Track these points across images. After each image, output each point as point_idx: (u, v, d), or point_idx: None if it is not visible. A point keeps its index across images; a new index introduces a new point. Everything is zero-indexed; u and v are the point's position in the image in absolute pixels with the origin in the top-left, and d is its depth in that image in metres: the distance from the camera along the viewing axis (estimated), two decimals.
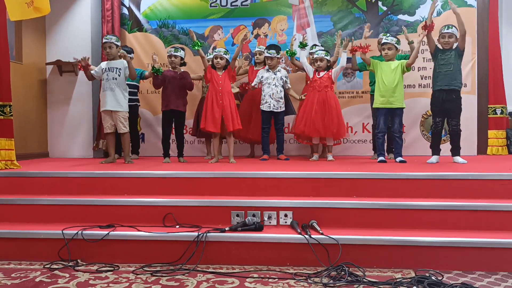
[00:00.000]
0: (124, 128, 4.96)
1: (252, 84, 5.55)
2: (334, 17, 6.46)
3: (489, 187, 3.39)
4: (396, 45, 4.88)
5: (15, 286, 2.58)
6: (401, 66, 4.83)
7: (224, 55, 5.12)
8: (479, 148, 6.21)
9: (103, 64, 5.04)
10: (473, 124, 6.17)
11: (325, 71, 5.34)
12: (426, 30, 4.65)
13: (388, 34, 5.12)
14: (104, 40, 5.08)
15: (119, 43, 5.06)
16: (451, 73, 4.62)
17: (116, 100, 4.91)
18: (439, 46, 4.77)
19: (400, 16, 6.34)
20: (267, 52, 5.54)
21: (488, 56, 6.21)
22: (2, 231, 3.19)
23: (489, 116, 6.18)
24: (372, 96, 5.52)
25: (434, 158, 4.71)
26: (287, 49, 5.72)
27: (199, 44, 5.11)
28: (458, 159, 4.65)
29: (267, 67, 5.58)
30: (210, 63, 5.27)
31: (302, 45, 5.51)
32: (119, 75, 4.94)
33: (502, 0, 6.22)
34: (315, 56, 5.40)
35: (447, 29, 4.65)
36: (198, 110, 6.00)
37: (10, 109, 4.27)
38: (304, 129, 5.35)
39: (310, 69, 5.45)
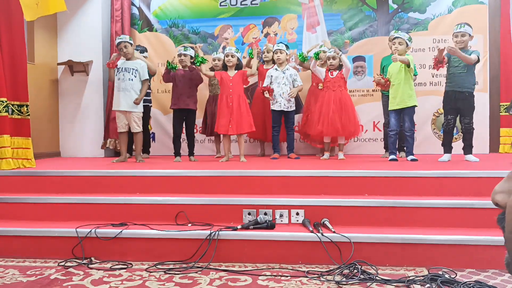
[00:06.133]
0: (138, 127, 5.00)
1: (264, 85, 5.51)
2: (344, 15, 6.45)
3: None
4: (407, 41, 4.85)
5: (30, 283, 2.61)
6: (404, 65, 4.81)
7: (235, 53, 5.13)
8: (491, 146, 6.17)
9: (119, 63, 5.06)
10: (485, 122, 6.13)
11: (337, 71, 5.32)
12: (439, 67, 4.69)
13: (399, 31, 5.10)
14: (118, 41, 5.05)
15: (132, 42, 5.08)
16: (465, 75, 4.58)
17: (131, 101, 4.93)
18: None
19: (411, 14, 6.32)
20: (276, 46, 5.54)
21: (499, 54, 6.17)
22: (18, 229, 3.23)
23: (501, 114, 6.14)
24: (383, 94, 5.51)
25: (446, 156, 4.69)
26: (301, 52, 5.66)
27: (203, 60, 5.19)
28: (470, 157, 4.62)
29: (275, 66, 5.57)
30: (221, 62, 5.29)
31: (316, 56, 5.36)
32: (135, 76, 4.96)
33: None
34: (327, 54, 5.39)
35: (460, 28, 4.62)
36: (206, 109, 6.03)
37: (27, 109, 4.33)
38: (322, 129, 5.27)
39: (321, 71, 5.44)
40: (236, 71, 5.15)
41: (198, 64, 5.16)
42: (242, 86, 5.10)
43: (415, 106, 4.89)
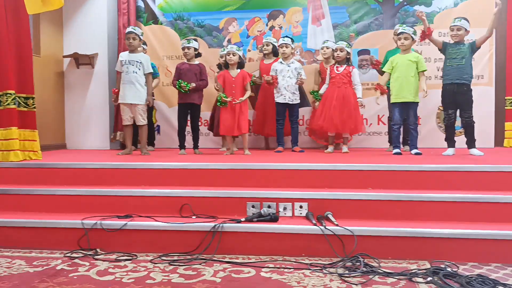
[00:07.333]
0: (142, 120, 5.02)
1: (266, 79, 5.51)
2: (349, 8, 6.43)
3: (505, 179, 3.36)
4: (412, 35, 4.84)
5: (37, 274, 2.65)
6: (417, 63, 4.79)
7: (237, 51, 5.11)
8: (496, 140, 6.15)
9: (123, 56, 5.06)
10: (490, 116, 6.11)
11: (344, 65, 5.32)
12: (425, 38, 4.74)
13: (404, 25, 5.08)
14: (128, 30, 5.04)
15: (141, 37, 5.08)
16: (463, 67, 4.58)
17: (136, 93, 4.95)
18: (448, 39, 4.78)
19: (417, 7, 6.27)
20: (282, 40, 5.53)
21: (506, 48, 6.13)
22: (24, 221, 3.27)
23: (506, 108, 6.11)
24: (388, 88, 5.49)
25: (450, 150, 4.69)
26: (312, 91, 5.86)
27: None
28: (474, 151, 4.61)
29: (280, 59, 5.57)
30: (223, 59, 5.31)
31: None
32: (139, 69, 4.97)
33: None
34: (335, 46, 5.40)
35: (456, 22, 4.62)
36: (214, 106, 6.03)
37: (33, 101, 4.37)
38: (322, 124, 5.31)
39: (327, 75, 5.48)
40: (239, 70, 5.13)
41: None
42: (243, 87, 5.09)
43: (418, 102, 4.91)
